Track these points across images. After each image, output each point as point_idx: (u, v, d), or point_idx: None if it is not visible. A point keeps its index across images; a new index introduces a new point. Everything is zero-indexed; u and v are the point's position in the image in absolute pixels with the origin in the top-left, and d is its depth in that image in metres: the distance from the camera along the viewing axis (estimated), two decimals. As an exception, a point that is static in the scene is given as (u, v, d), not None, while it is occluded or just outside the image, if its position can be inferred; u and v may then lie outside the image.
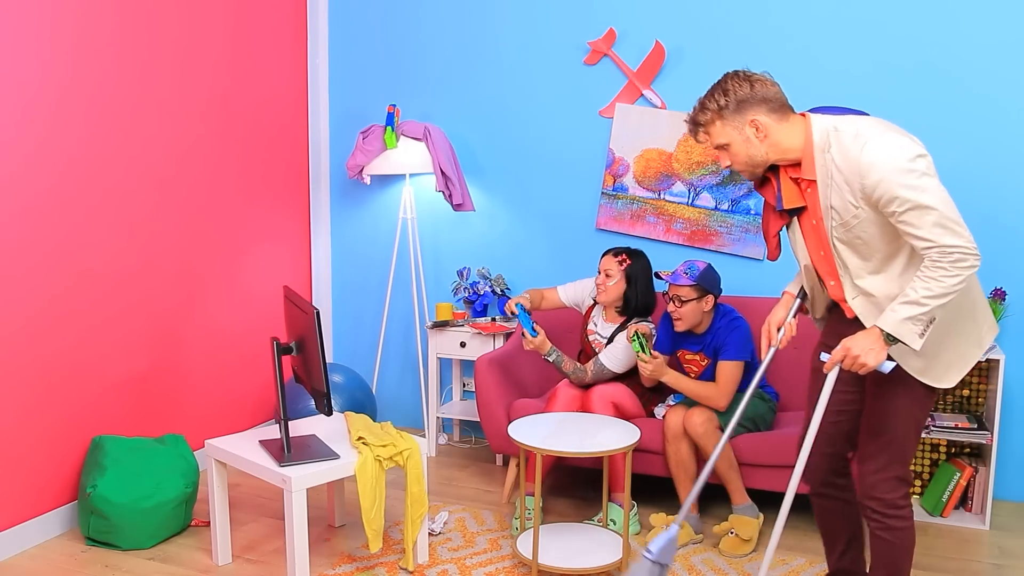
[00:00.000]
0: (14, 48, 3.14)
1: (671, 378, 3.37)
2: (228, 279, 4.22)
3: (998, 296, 3.66)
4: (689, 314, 3.37)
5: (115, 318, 3.62)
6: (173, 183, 3.86)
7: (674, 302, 3.38)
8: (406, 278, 4.69)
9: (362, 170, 4.30)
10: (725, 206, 4.05)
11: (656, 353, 3.40)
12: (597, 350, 3.64)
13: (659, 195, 4.14)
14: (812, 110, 2.40)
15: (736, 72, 2.36)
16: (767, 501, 3.79)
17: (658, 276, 3.50)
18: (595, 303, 3.74)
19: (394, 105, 4.22)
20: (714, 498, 3.82)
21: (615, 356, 3.56)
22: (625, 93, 4.16)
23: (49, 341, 3.34)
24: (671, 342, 3.56)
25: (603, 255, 3.63)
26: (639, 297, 3.58)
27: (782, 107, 2.33)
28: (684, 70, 4.08)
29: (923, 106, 3.78)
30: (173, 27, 3.80)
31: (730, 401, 3.38)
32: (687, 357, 3.50)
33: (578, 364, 3.57)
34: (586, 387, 3.59)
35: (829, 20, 3.86)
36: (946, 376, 2.33)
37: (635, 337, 3.30)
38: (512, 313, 3.53)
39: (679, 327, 3.41)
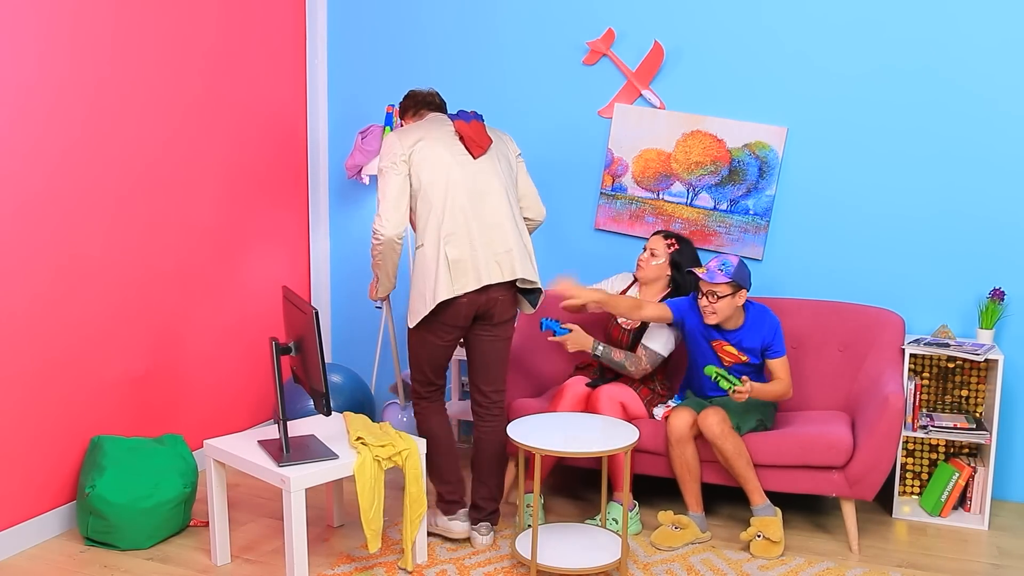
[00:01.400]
0: (12, 47, 3.13)
1: (758, 391, 3.36)
2: (227, 279, 4.21)
3: (996, 296, 3.65)
4: (724, 309, 3.39)
5: (114, 318, 3.61)
6: (171, 182, 3.86)
7: (708, 297, 3.40)
8: (405, 278, 4.68)
9: (361, 170, 4.29)
10: (724, 206, 4.05)
11: (744, 378, 3.31)
12: (627, 328, 3.66)
13: (658, 195, 4.14)
14: (455, 113, 3.23)
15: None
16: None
17: (691, 273, 3.55)
18: (628, 287, 3.78)
19: (393, 105, 4.22)
20: (719, 499, 3.83)
21: (658, 338, 3.58)
22: (624, 93, 4.16)
23: (47, 341, 3.34)
24: (704, 328, 3.54)
25: (652, 235, 3.71)
26: (684, 282, 3.65)
27: (416, 108, 3.38)
28: (683, 70, 4.08)
29: (920, 108, 3.78)
30: (171, 27, 3.80)
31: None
32: (725, 348, 3.51)
33: (629, 352, 3.55)
34: (601, 381, 3.61)
35: (827, 21, 3.86)
36: (409, 319, 3.14)
37: (714, 375, 3.29)
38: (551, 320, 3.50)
39: (711, 320, 3.42)
